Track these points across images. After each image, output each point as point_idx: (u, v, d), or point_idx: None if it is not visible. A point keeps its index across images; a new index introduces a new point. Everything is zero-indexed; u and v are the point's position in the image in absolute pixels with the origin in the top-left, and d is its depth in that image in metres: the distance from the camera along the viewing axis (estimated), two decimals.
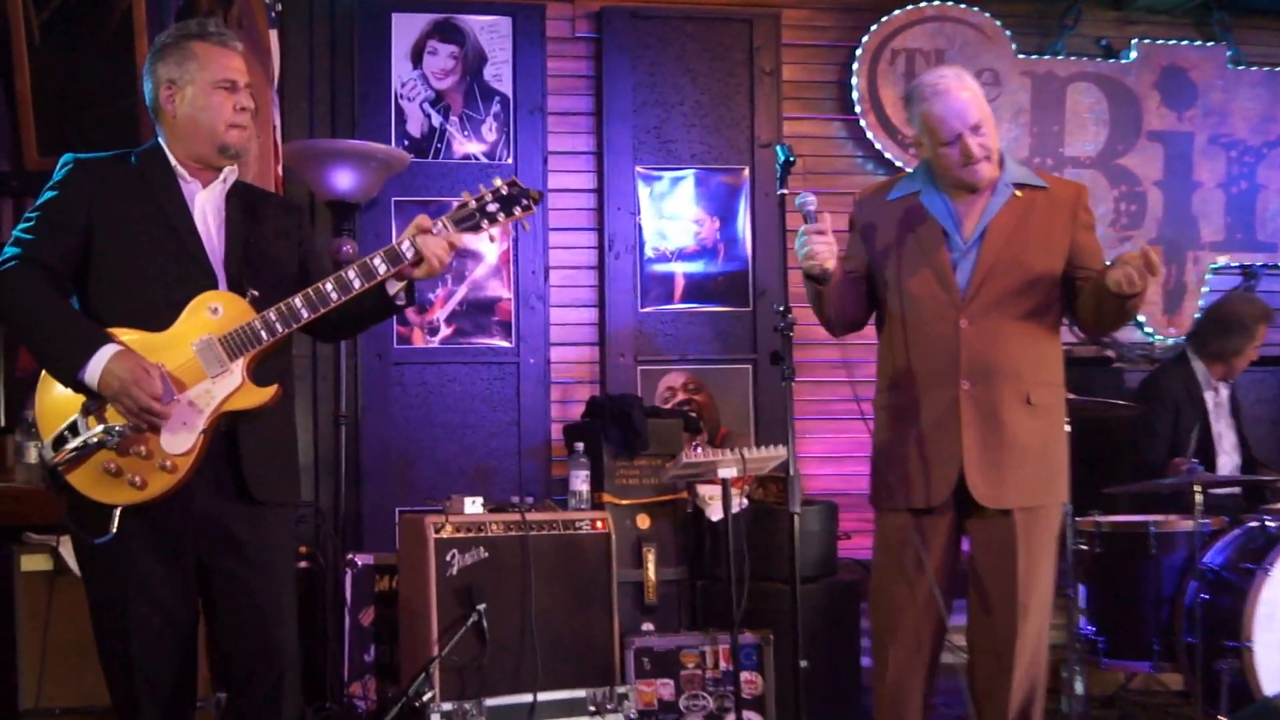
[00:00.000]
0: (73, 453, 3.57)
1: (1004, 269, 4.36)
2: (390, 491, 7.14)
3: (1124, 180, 8.03)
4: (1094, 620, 6.17)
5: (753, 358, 7.53)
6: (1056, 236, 4.41)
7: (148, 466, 3.60)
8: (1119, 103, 8.03)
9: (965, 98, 4.35)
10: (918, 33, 7.81)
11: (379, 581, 6.22)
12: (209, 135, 3.81)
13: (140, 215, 3.73)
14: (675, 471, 5.73)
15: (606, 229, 7.48)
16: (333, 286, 3.73)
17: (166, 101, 3.81)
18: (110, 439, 3.56)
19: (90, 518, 3.61)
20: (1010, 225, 4.39)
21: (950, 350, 4.35)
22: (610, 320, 7.42)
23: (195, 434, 3.63)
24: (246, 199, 3.92)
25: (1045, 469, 4.39)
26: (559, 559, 5.77)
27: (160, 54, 3.84)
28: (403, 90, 7.37)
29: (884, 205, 4.55)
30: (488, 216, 3.84)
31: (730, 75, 7.66)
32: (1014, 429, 4.32)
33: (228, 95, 3.81)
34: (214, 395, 3.66)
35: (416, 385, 7.26)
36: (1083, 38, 8.10)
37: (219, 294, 3.71)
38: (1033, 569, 4.35)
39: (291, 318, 3.71)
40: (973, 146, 4.33)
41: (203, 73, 3.80)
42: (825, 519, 6.38)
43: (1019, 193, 4.43)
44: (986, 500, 4.31)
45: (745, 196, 7.60)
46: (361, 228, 7.06)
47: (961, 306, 4.35)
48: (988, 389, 4.32)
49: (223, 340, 3.66)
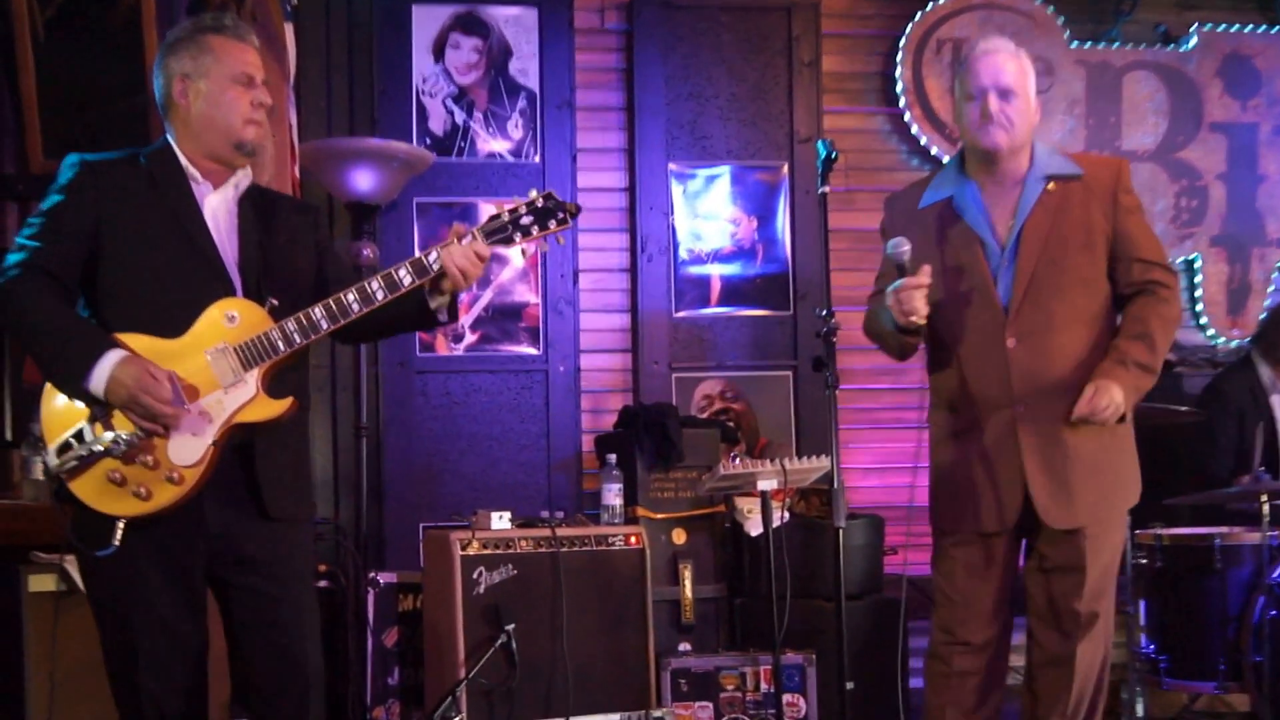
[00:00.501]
0: (76, 459, 3.57)
1: (1045, 276, 4.31)
2: (414, 507, 7.15)
3: (1184, 174, 7.98)
4: (1155, 638, 6.12)
5: (793, 364, 7.51)
6: (1097, 228, 4.36)
7: (154, 477, 3.59)
8: (1179, 92, 7.99)
9: (1008, 61, 4.32)
10: (965, 20, 7.78)
11: (403, 601, 6.21)
12: (225, 131, 3.81)
13: (150, 218, 3.73)
14: (712, 484, 5.71)
15: (638, 230, 7.47)
16: (355, 298, 3.72)
17: (180, 96, 3.81)
18: (116, 447, 3.55)
19: (92, 529, 3.61)
20: (1046, 225, 4.34)
21: (1000, 372, 4.32)
22: (643, 326, 7.41)
23: (205, 445, 3.62)
24: (260, 203, 3.92)
25: (1114, 480, 4.38)
26: (591, 576, 5.76)
27: (173, 48, 3.84)
28: (424, 86, 7.37)
29: (915, 214, 4.50)
30: (521, 230, 3.81)
31: (768, 67, 7.64)
32: (1076, 446, 4.29)
33: (244, 90, 3.82)
34: (226, 406, 3.65)
35: (440, 395, 7.26)
36: (1139, 24, 8.06)
37: (237, 301, 3.71)
38: (1099, 584, 4.35)
39: (311, 329, 3.70)
40: (992, 106, 4.28)
41: (218, 66, 3.80)
42: (870, 533, 6.36)
43: (1052, 185, 4.37)
44: (1057, 522, 4.30)
45: (784, 194, 7.58)
46: (382, 230, 7.06)
47: (1006, 324, 4.31)
48: (1044, 408, 4.30)
49: (238, 349, 3.65)
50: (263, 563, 3.75)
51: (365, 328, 3.88)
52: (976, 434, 4.38)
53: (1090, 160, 4.54)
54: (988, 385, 4.35)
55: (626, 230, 7.51)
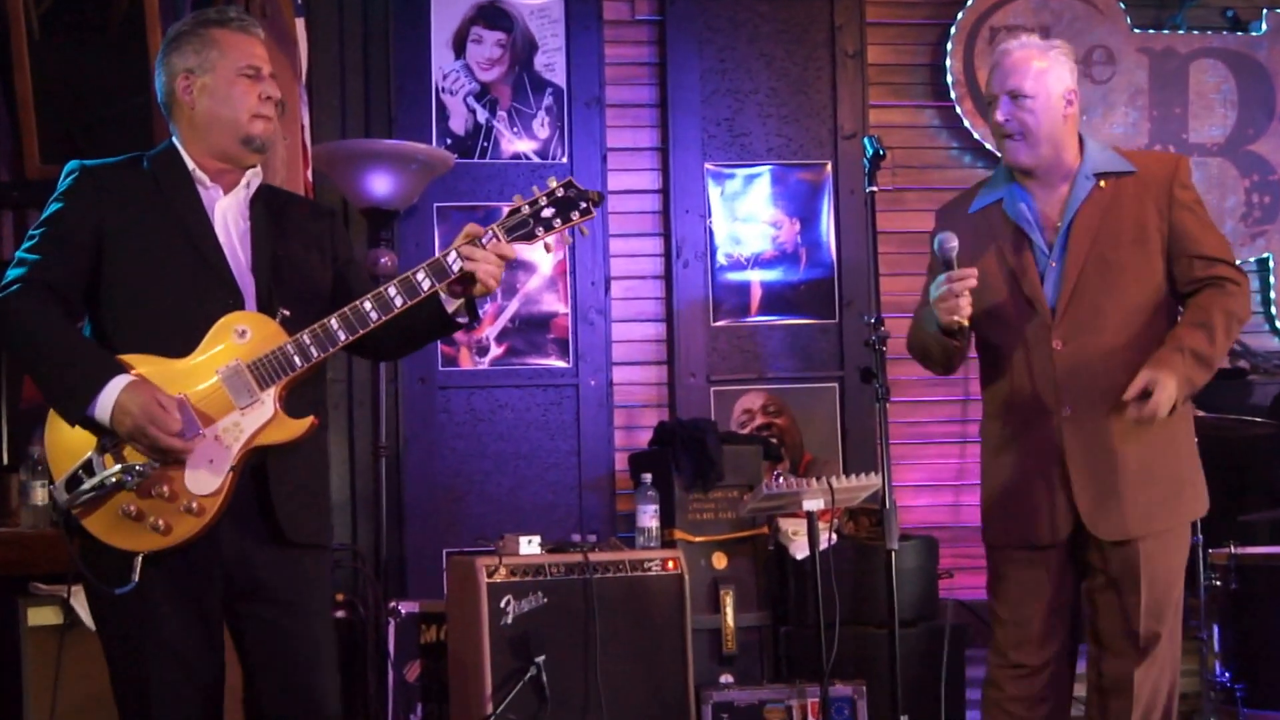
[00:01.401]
0: (88, 495, 3.55)
1: (1094, 276, 4.32)
2: (437, 531, 7.14)
3: (1256, 169, 7.94)
4: (1230, 665, 6.11)
5: (840, 375, 7.48)
6: (1151, 225, 4.36)
7: (171, 509, 3.58)
8: (1249, 81, 7.95)
9: (1022, 63, 4.34)
10: (1019, 7, 7.76)
11: (425, 632, 6.22)
12: (232, 127, 3.81)
13: (155, 226, 3.73)
14: (755, 504, 5.70)
15: (673, 234, 7.46)
16: (372, 305, 3.70)
17: (184, 93, 3.82)
18: (129, 479, 3.53)
19: (108, 565, 3.59)
20: (1095, 223, 4.35)
21: (1046, 375, 4.33)
22: (679, 336, 7.40)
23: (223, 472, 3.60)
24: (272, 205, 3.91)
25: (1169, 488, 4.36)
26: (626, 604, 5.77)
27: (175, 43, 3.85)
28: (444, 83, 7.38)
29: (966, 219, 4.53)
30: (543, 224, 3.80)
31: (809, 59, 7.63)
32: (1126, 452, 4.29)
33: (251, 84, 3.82)
34: (244, 429, 3.63)
35: (464, 412, 7.26)
36: (1206, 8, 8.03)
37: (246, 315, 3.70)
38: (1158, 602, 4.33)
39: (328, 340, 3.68)
40: (1001, 112, 4.32)
41: (223, 60, 3.81)
42: (924, 555, 6.35)
43: (1102, 183, 4.38)
44: (1106, 534, 4.29)
45: (828, 195, 7.57)
46: (401, 237, 7.07)
47: (1052, 325, 4.31)
48: (1092, 414, 4.30)
49: (252, 367, 3.64)
50: (278, 593, 3.74)
51: (385, 340, 3.88)
52: (1024, 442, 4.40)
53: (1146, 156, 4.55)
54: (1035, 390, 4.36)
55: (661, 234, 7.51)
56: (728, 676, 6.23)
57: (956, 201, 4.68)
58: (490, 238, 3.76)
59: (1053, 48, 4.41)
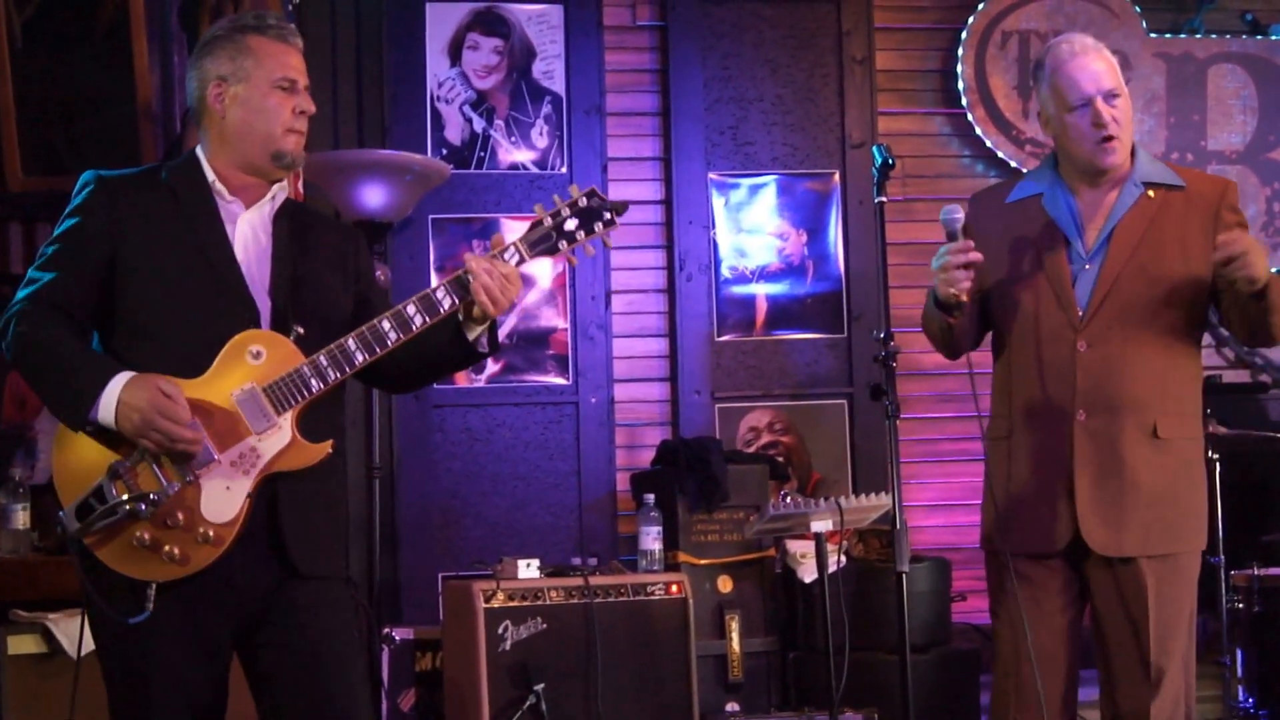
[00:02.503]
0: (100, 524, 3.51)
1: (1130, 282, 4.31)
2: (432, 555, 7.15)
3: (1277, 176, 7.98)
4: (1254, 690, 6.14)
5: (848, 392, 7.50)
6: (1195, 241, 4.35)
7: (186, 539, 3.54)
8: (1269, 86, 7.97)
9: (1101, 64, 4.34)
10: (1033, 11, 7.78)
11: (420, 660, 6.22)
12: (264, 140, 3.77)
13: (172, 241, 3.69)
14: (761, 526, 5.69)
15: (676, 246, 7.46)
16: (390, 324, 3.66)
17: (215, 101, 3.77)
18: (143, 508, 3.50)
19: (120, 594, 3.56)
20: (1139, 230, 4.34)
21: (1066, 376, 4.32)
22: (682, 351, 7.40)
23: (240, 499, 3.56)
24: (297, 221, 3.87)
25: (1175, 511, 4.34)
26: (628, 629, 5.78)
27: (209, 48, 3.81)
28: (440, 91, 7.38)
29: (1001, 209, 4.52)
30: (565, 236, 3.76)
31: (816, 66, 7.63)
32: (1136, 466, 4.27)
33: (286, 96, 3.78)
34: (261, 455, 3.59)
35: (460, 431, 7.26)
36: (1224, 12, 8.06)
37: (260, 334, 3.66)
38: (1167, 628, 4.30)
39: (345, 361, 3.64)
40: (1104, 114, 4.29)
41: (259, 69, 3.76)
42: (936, 578, 6.37)
43: (1151, 193, 4.37)
44: (1103, 548, 4.27)
45: (836, 205, 7.57)
46: (395, 250, 7.06)
47: (1079, 326, 4.31)
48: (1107, 421, 4.28)
49: (267, 390, 3.60)
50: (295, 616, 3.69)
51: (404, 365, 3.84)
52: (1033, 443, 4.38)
53: (1195, 175, 4.55)
54: (1050, 389, 4.35)
55: (663, 247, 7.51)
56: (734, 704, 6.24)
57: (994, 189, 4.69)
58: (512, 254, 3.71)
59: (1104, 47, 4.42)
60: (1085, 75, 4.32)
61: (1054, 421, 4.32)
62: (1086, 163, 4.36)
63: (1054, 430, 4.32)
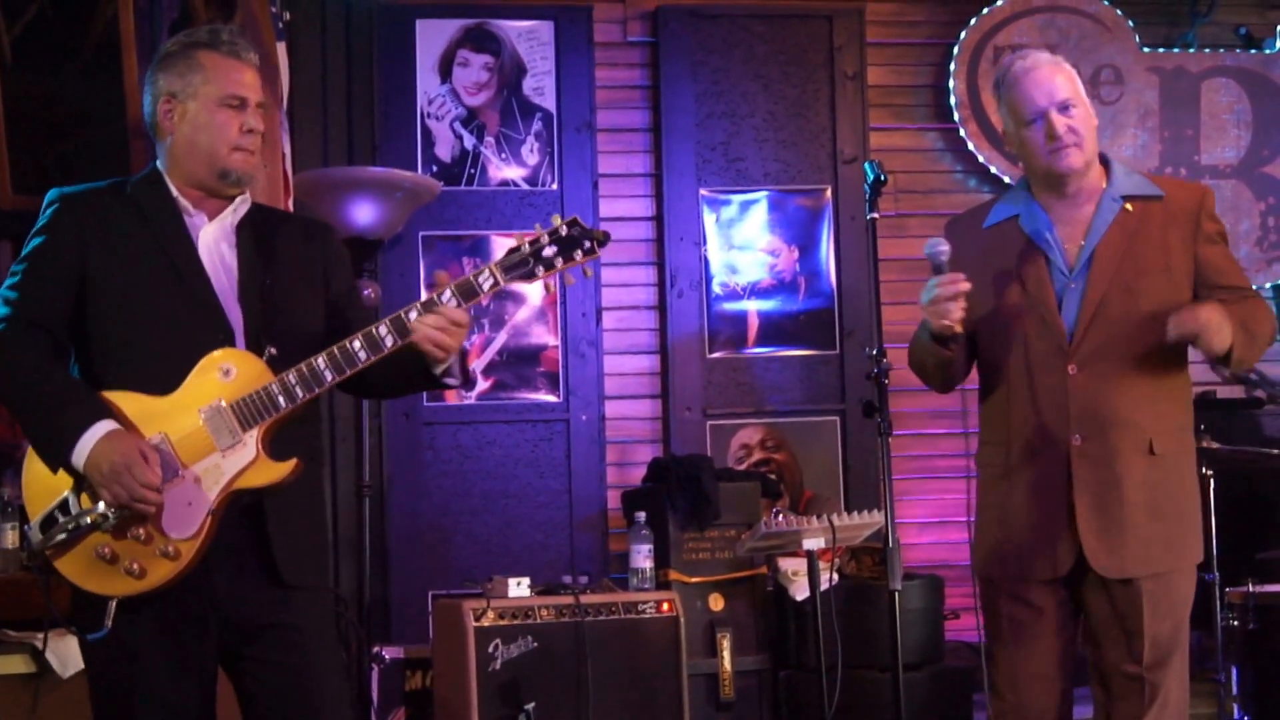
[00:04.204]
0: (62, 535, 3.54)
1: (1116, 301, 4.30)
2: (422, 573, 7.14)
3: (1272, 191, 7.96)
4: (1250, 707, 6.12)
5: (841, 409, 7.50)
6: (1176, 255, 4.35)
7: (147, 552, 3.55)
8: (1263, 101, 7.98)
9: (1055, 74, 4.34)
10: (1025, 26, 7.79)
11: (410, 678, 6.22)
12: (209, 158, 3.76)
13: (140, 256, 3.69)
14: (753, 543, 5.70)
15: (667, 263, 7.47)
16: (361, 344, 3.65)
17: (165, 118, 3.78)
18: (106, 520, 3.52)
19: (83, 610, 3.58)
20: (1120, 247, 4.33)
21: (1058, 400, 4.30)
22: (674, 368, 7.41)
23: (201, 516, 3.58)
24: (261, 230, 3.86)
25: (1174, 528, 4.34)
26: (619, 648, 5.77)
27: (162, 63, 3.81)
28: (430, 108, 7.39)
29: (979, 234, 4.50)
30: (543, 263, 3.73)
31: (808, 81, 7.65)
32: (1134, 485, 4.27)
33: (234, 114, 3.77)
34: (224, 471, 3.61)
35: (450, 449, 7.26)
36: (1218, 26, 8.07)
37: (232, 352, 3.66)
38: (1163, 645, 4.30)
39: (314, 381, 3.64)
40: (1058, 125, 4.29)
41: (207, 86, 3.76)
42: (929, 595, 6.35)
43: (1129, 206, 4.37)
44: (1107, 570, 4.26)
45: (828, 221, 7.59)
46: (385, 268, 7.07)
47: (1069, 350, 4.30)
48: (1102, 443, 4.27)
49: (234, 407, 3.61)
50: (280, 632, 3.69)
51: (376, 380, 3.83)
52: (1028, 469, 4.36)
53: (1172, 184, 4.53)
54: (1044, 415, 4.33)
55: (654, 263, 7.52)
56: None
57: (970, 214, 4.65)
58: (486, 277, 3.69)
59: (1063, 60, 4.44)
60: (1038, 89, 4.32)
61: (1050, 447, 4.30)
62: (1045, 172, 4.35)
63: (1050, 456, 4.29)
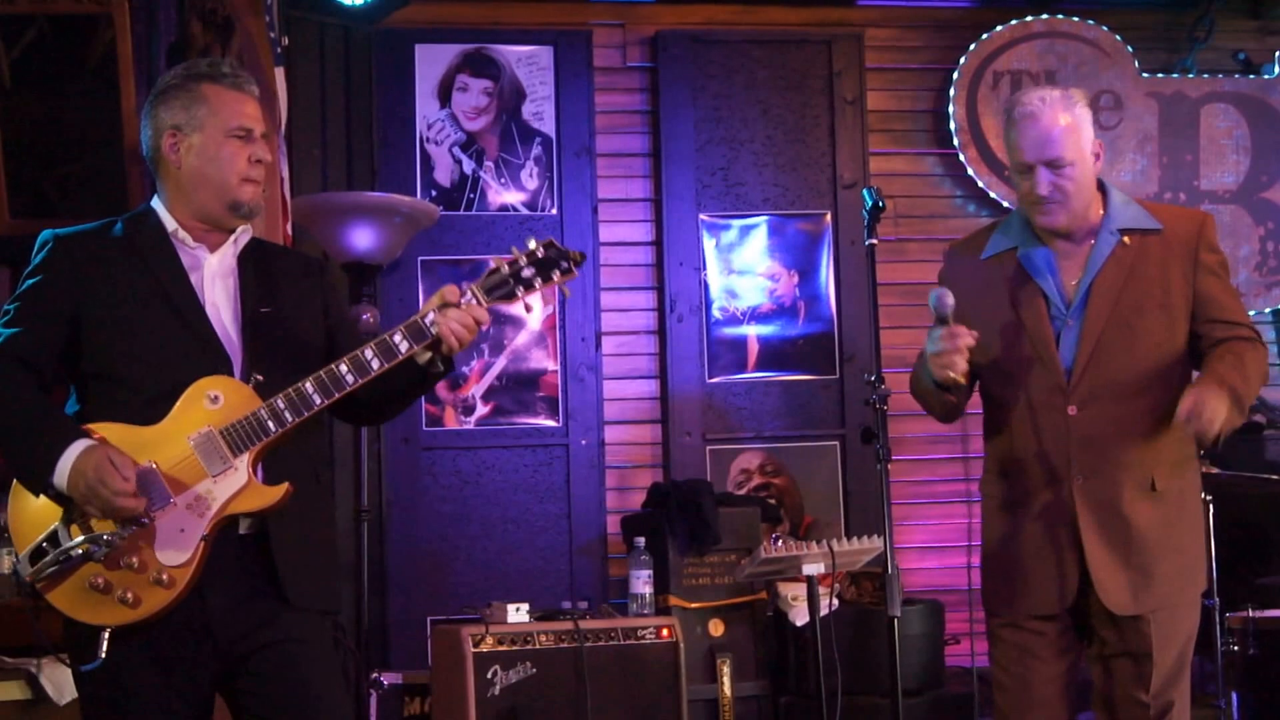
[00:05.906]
0: (53, 567, 3.53)
1: (1114, 339, 4.28)
2: (421, 599, 7.14)
3: (1270, 216, 7.96)
4: None
5: (840, 434, 7.50)
6: (1175, 289, 4.33)
7: (140, 581, 3.55)
8: (1262, 126, 7.98)
9: (1053, 127, 4.27)
10: (1024, 51, 7.80)
11: (409, 705, 6.21)
12: (219, 191, 3.77)
13: (134, 292, 3.70)
14: (752, 569, 5.69)
15: (667, 287, 7.47)
16: (348, 368, 3.68)
17: (170, 151, 3.78)
18: (96, 550, 3.51)
19: (75, 640, 3.58)
20: (1117, 284, 4.30)
21: (1059, 441, 4.28)
22: (673, 393, 7.41)
23: (194, 542, 3.57)
24: (261, 261, 3.88)
25: (1181, 561, 4.34)
26: (619, 674, 5.76)
27: (163, 97, 3.82)
28: (429, 133, 7.40)
29: (977, 267, 4.47)
30: (523, 283, 3.79)
31: (807, 106, 7.66)
32: (1139, 523, 4.26)
33: (242, 145, 3.78)
34: (216, 497, 3.60)
35: (450, 474, 7.25)
36: (1217, 51, 8.08)
37: (218, 379, 3.67)
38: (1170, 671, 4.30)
39: (302, 404, 3.65)
40: (1040, 184, 4.25)
41: (213, 118, 3.77)
42: (929, 621, 6.35)
43: (1127, 239, 4.35)
44: (1121, 609, 4.25)
45: (828, 246, 7.59)
46: (384, 293, 7.07)
47: (1068, 390, 4.28)
48: (1104, 483, 4.26)
49: (224, 433, 3.62)
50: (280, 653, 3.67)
51: (366, 402, 3.85)
52: (1032, 506, 4.34)
53: (1170, 213, 4.49)
54: (1046, 453, 4.32)
55: (654, 288, 7.52)
56: None
57: (967, 243, 4.60)
58: (469, 298, 3.75)
59: (1073, 101, 4.35)
60: (1028, 142, 4.27)
61: (1052, 485, 4.28)
62: (1031, 219, 4.36)
63: (1053, 494, 4.28)
